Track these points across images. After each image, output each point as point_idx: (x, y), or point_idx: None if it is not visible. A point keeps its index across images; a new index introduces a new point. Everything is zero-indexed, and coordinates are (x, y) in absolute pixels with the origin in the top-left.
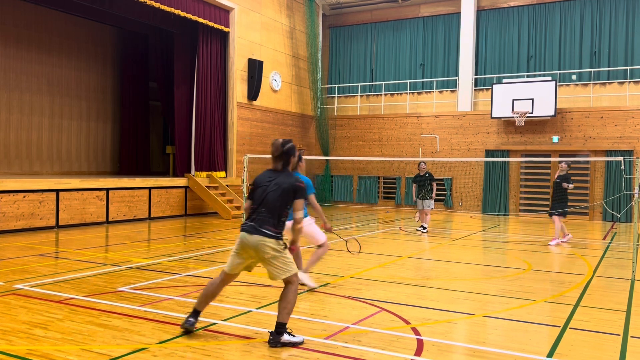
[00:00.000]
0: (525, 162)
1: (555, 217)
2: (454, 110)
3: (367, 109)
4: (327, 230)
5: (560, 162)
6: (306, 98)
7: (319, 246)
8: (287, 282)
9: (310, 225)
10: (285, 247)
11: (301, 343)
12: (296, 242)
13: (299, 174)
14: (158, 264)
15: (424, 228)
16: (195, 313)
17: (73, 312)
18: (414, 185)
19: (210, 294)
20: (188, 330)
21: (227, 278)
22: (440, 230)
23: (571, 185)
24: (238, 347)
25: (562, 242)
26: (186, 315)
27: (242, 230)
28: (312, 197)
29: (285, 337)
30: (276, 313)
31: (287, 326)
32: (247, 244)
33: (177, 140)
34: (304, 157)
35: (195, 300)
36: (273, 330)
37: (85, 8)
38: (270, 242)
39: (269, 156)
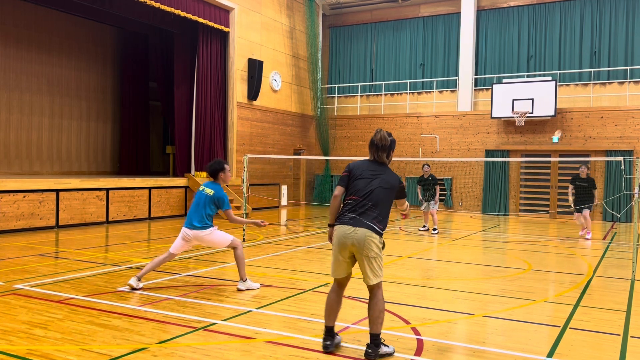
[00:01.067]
0: (525, 162)
1: (586, 212)
2: (454, 110)
3: (367, 109)
4: (260, 225)
5: (580, 166)
6: (306, 98)
7: (234, 249)
8: (377, 288)
9: (211, 234)
10: (384, 247)
11: (393, 353)
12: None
13: (219, 185)
14: None
15: (426, 228)
16: (328, 331)
17: (73, 312)
18: (419, 187)
19: (332, 308)
20: (331, 351)
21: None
22: (441, 231)
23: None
24: (238, 347)
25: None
26: (322, 340)
27: (343, 223)
28: (229, 212)
29: (383, 349)
30: (276, 313)
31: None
32: (348, 238)
33: (177, 140)
34: (304, 157)
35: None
36: (370, 343)
37: (85, 8)
38: (377, 239)
39: (269, 156)
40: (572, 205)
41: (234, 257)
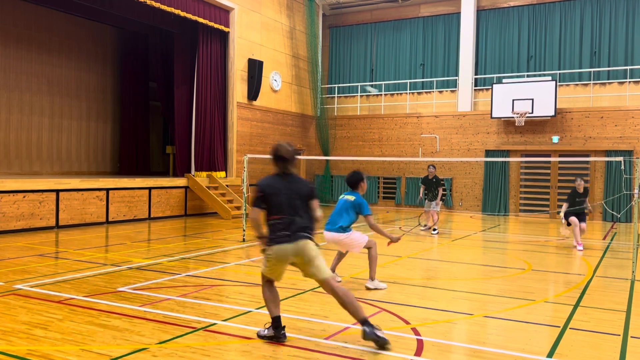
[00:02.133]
0: (525, 162)
1: (583, 224)
2: (454, 110)
3: (367, 109)
4: (394, 241)
5: (576, 179)
6: (306, 98)
7: (369, 248)
8: (331, 280)
9: (349, 237)
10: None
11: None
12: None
13: (358, 194)
14: (158, 264)
15: (428, 227)
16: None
17: (73, 312)
18: (422, 186)
19: (275, 298)
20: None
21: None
22: (441, 231)
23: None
24: (238, 347)
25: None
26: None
27: (280, 243)
28: (370, 218)
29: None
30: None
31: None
32: (290, 255)
33: (177, 140)
34: (304, 157)
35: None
36: (364, 327)
37: (85, 8)
38: (312, 244)
39: (269, 156)
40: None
41: (368, 256)
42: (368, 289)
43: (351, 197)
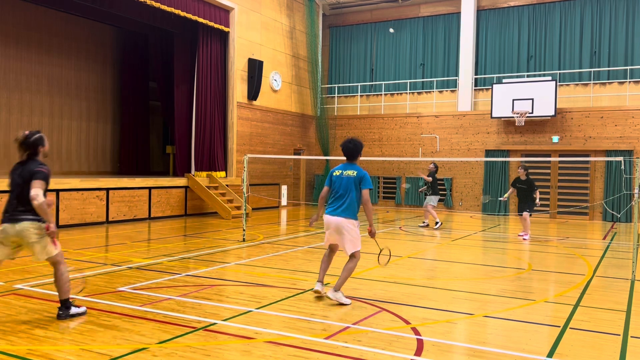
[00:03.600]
0: (525, 162)
1: (526, 214)
2: (454, 110)
3: (367, 109)
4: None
5: (519, 167)
6: (306, 98)
7: (352, 257)
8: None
9: (354, 229)
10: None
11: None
12: None
13: (357, 166)
14: (158, 264)
15: (425, 224)
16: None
17: None
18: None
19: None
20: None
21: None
22: (440, 231)
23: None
24: (238, 347)
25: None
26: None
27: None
28: (367, 193)
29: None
30: (276, 313)
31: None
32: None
33: (177, 140)
34: (304, 157)
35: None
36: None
37: (85, 8)
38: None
39: (269, 156)
40: (500, 199)
41: (348, 264)
42: (328, 298)
43: (353, 172)
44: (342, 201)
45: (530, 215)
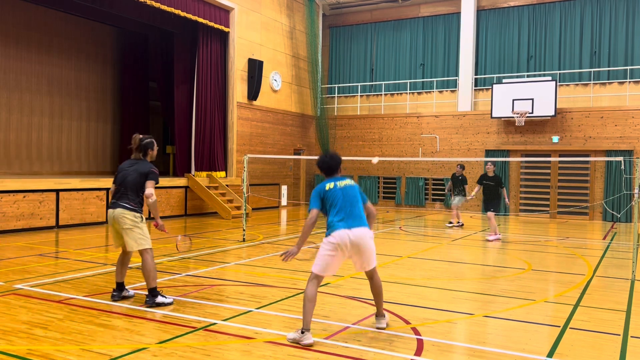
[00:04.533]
0: (525, 162)
1: (491, 214)
2: (454, 110)
3: (367, 109)
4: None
5: (486, 164)
6: (306, 98)
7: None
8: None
9: (372, 239)
10: None
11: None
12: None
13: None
14: (158, 264)
15: (459, 224)
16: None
17: (73, 312)
18: (450, 183)
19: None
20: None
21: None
22: (441, 230)
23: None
24: (238, 347)
25: (497, 238)
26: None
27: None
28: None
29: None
30: (276, 313)
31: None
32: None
33: (177, 140)
34: (304, 157)
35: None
36: None
37: (85, 8)
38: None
39: (269, 156)
40: (467, 196)
41: (374, 286)
42: (381, 329)
43: (349, 182)
44: (355, 210)
45: (496, 214)
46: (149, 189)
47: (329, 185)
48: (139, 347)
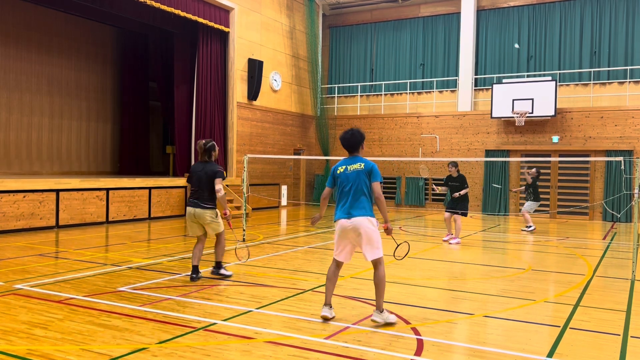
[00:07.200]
0: (525, 162)
1: (458, 217)
2: (454, 110)
3: (367, 109)
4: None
5: (449, 165)
6: (306, 98)
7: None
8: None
9: (376, 228)
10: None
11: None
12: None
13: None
14: (158, 264)
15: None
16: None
17: (73, 312)
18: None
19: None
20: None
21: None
22: (441, 231)
23: (464, 191)
24: (238, 347)
25: (458, 242)
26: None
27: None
28: (379, 186)
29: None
30: (276, 313)
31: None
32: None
33: (177, 140)
34: (304, 157)
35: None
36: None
37: (85, 8)
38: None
39: (269, 156)
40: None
41: (377, 278)
42: (374, 322)
43: (360, 165)
44: (356, 199)
45: (465, 216)
46: (218, 185)
47: (341, 169)
48: (139, 347)
